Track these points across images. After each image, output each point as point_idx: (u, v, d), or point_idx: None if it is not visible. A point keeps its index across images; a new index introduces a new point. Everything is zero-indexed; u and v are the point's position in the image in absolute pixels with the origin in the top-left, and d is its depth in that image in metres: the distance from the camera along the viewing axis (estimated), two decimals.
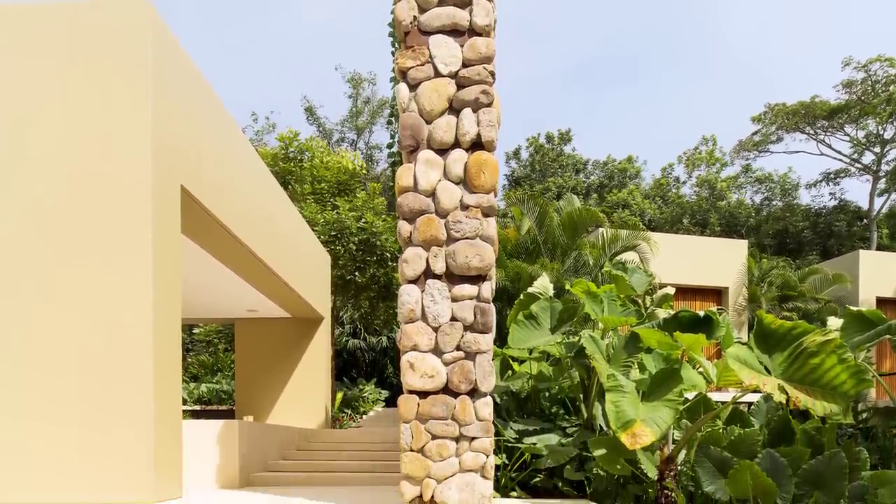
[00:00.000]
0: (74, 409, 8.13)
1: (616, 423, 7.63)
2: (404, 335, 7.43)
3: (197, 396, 22.41)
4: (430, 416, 7.27)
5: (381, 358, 31.22)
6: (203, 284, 13.93)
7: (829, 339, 7.48)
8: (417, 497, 7.24)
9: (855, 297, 23.88)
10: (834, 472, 7.82)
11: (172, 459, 8.66)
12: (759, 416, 10.06)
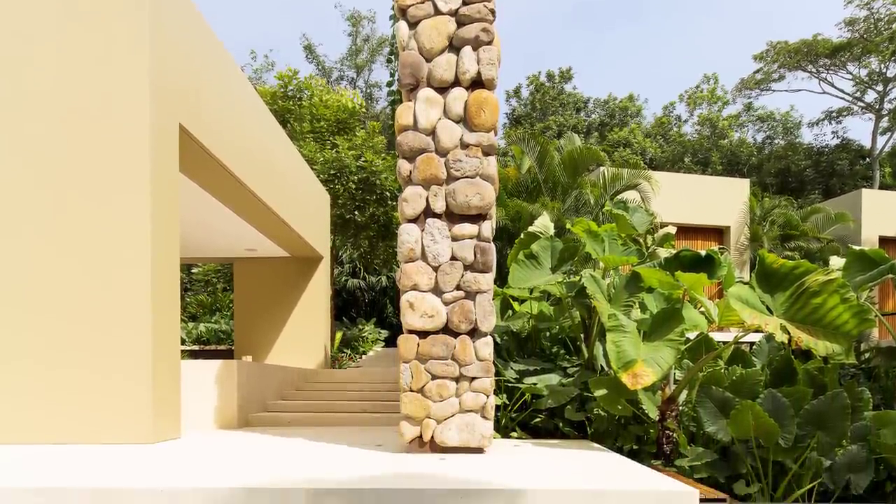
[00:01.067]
0: (72, 350, 8.12)
1: (617, 363, 7.64)
2: (404, 275, 7.34)
3: (195, 336, 22.46)
4: (430, 356, 7.21)
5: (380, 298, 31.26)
6: (201, 223, 13.83)
7: (832, 278, 7.42)
8: (417, 437, 7.21)
9: (857, 237, 23.82)
10: (836, 412, 7.79)
11: (170, 400, 8.65)
12: (760, 357, 10.03)
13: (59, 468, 6.05)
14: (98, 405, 8.06)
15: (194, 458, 6.85)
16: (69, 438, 7.95)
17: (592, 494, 5.07)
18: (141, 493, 5.04)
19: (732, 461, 8.09)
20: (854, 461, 7.72)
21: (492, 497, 5.00)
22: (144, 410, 8.08)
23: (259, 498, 4.97)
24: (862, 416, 8.18)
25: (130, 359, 8.12)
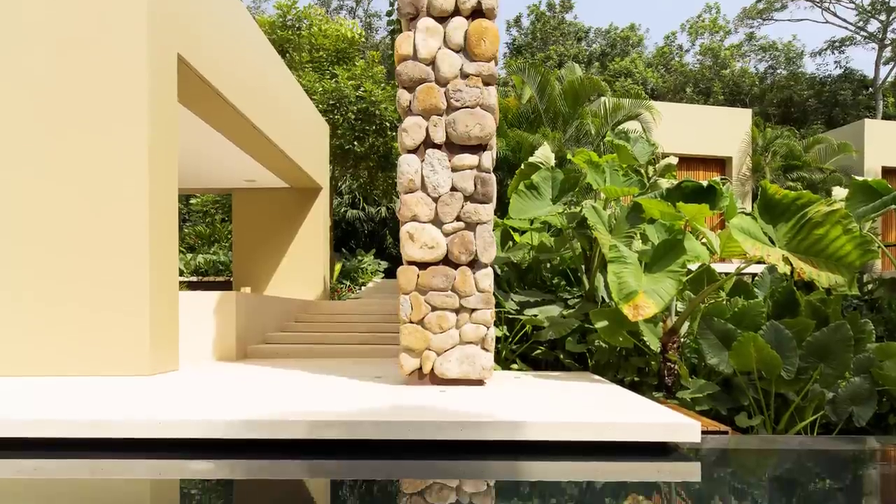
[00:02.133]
0: (69, 282, 8.07)
1: (618, 294, 7.58)
2: (404, 205, 7.23)
3: (193, 268, 22.37)
4: (430, 287, 7.13)
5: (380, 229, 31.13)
6: (200, 154, 13.67)
7: (834, 209, 7.32)
8: (417, 369, 7.15)
9: (860, 167, 23.65)
10: (839, 343, 7.74)
11: (168, 332, 8.60)
12: (762, 288, 9.96)
13: (57, 400, 5.98)
14: (96, 337, 8.01)
15: (192, 390, 6.80)
16: (67, 371, 7.90)
17: (593, 426, 4.99)
18: (139, 424, 4.96)
19: (734, 393, 8.07)
20: (857, 393, 7.69)
21: (492, 429, 4.93)
22: (142, 342, 8.04)
23: (257, 429, 4.90)
24: (865, 347, 8.14)
25: (128, 290, 8.07)
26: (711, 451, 5.51)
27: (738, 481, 5.03)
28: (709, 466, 5.22)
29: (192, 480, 4.73)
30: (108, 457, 4.87)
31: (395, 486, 4.59)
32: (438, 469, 4.82)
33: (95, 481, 4.57)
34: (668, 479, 4.74)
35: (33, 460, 4.81)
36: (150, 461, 4.82)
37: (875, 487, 4.82)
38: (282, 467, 4.87)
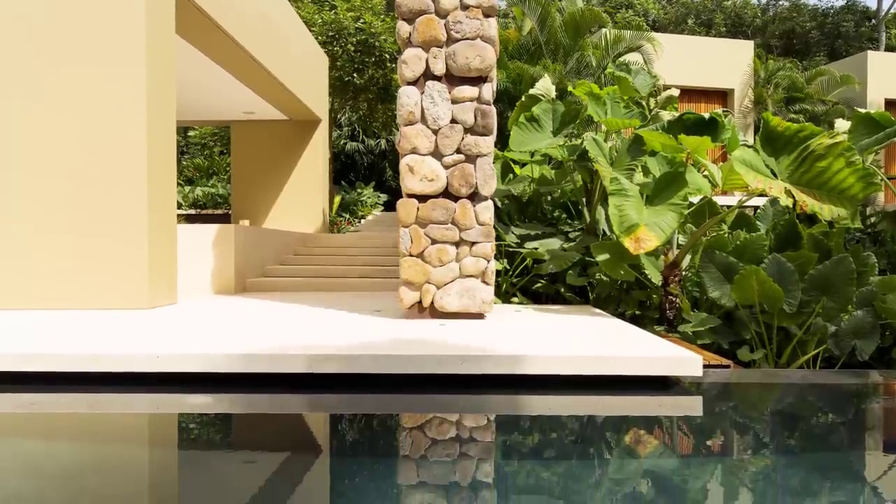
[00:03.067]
0: (68, 216, 8.01)
1: (619, 227, 7.53)
2: (403, 138, 7.14)
3: (192, 200, 22.21)
4: (430, 220, 7.06)
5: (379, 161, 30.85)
6: (198, 86, 13.46)
7: (837, 141, 7.23)
8: (417, 303, 7.10)
9: (863, 100, 23.37)
10: (841, 277, 7.68)
11: (167, 265, 8.54)
12: (765, 221, 9.87)
13: (54, 334, 5.91)
14: (94, 270, 7.96)
15: (191, 324, 6.73)
16: (65, 304, 7.85)
17: (594, 360, 4.93)
18: (137, 358, 4.89)
19: (736, 327, 8.03)
20: (860, 327, 7.64)
21: (492, 363, 4.87)
22: (140, 275, 7.98)
23: (256, 363, 4.83)
24: (867, 280, 8.08)
25: (126, 223, 8.00)
26: (713, 384, 5.47)
27: (739, 415, 4.99)
28: (710, 400, 5.19)
29: (191, 414, 4.68)
30: (106, 391, 4.81)
31: (395, 421, 4.54)
32: (438, 403, 4.78)
33: (93, 415, 4.51)
34: (669, 413, 4.70)
35: (31, 394, 4.75)
36: (148, 395, 4.76)
37: (877, 421, 4.78)
38: (281, 401, 4.82)
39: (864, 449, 4.10)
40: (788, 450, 3.97)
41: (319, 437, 4.31)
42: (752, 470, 3.55)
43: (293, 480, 3.31)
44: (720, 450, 3.95)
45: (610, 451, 3.92)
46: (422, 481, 3.25)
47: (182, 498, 3.12)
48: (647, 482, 3.33)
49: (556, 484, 3.32)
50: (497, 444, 4.00)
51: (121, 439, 4.09)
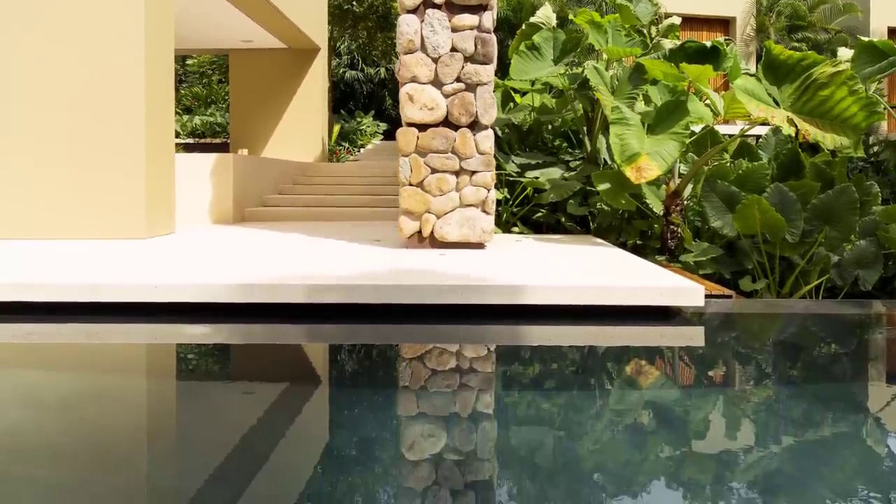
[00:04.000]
0: (65, 145, 7.89)
1: (621, 156, 7.45)
2: (403, 66, 7.03)
3: (190, 129, 21.96)
4: (430, 149, 6.98)
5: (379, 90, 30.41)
6: (196, 14, 13.11)
7: (840, 70, 7.14)
8: (416, 233, 7.05)
9: (866, 28, 22.93)
10: (844, 206, 7.60)
11: (164, 195, 8.45)
12: (767, 150, 9.73)
13: (52, 264, 5.86)
14: (91, 200, 7.87)
15: (189, 254, 6.68)
16: (62, 234, 7.77)
17: (596, 290, 4.88)
18: (135, 289, 4.83)
19: (738, 257, 7.98)
20: (862, 256, 7.58)
21: (492, 293, 4.82)
22: (138, 205, 7.90)
23: (255, 293, 4.78)
24: (870, 210, 8.00)
25: (124, 152, 7.89)
26: (715, 315, 5.43)
27: (741, 346, 4.96)
28: (712, 331, 5.16)
29: (189, 345, 4.65)
30: (104, 321, 4.77)
31: (395, 351, 4.52)
32: (438, 333, 4.75)
33: (92, 346, 4.48)
34: (670, 343, 4.67)
35: (29, 325, 4.72)
36: (146, 325, 4.73)
37: (880, 351, 4.76)
38: (279, 331, 4.79)
39: (867, 379, 4.08)
40: (790, 380, 3.94)
41: (318, 368, 4.29)
42: (754, 400, 3.52)
43: (292, 411, 3.28)
44: (722, 380, 3.92)
45: (611, 381, 3.89)
46: (421, 412, 3.23)
47: (180, 428, 3.09)
48: (649, 413, 3.30)
49: (557, 415, 3.29)
50: (497, 374, 3.97)
51: (119, 369, 4.06)
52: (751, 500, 2.34)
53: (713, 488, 2.44)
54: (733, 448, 2.87)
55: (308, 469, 2.59)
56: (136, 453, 2.73)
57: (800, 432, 3.05)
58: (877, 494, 2.37)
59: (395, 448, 2.80)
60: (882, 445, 2.95)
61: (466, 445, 2.72)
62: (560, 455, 2.74)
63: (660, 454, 2.74)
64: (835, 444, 2.91)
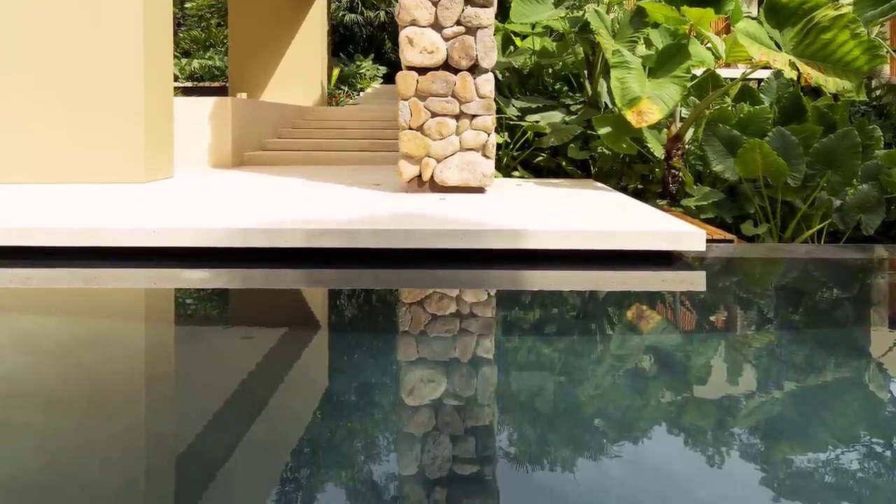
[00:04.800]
0: (63, 88, 7.79)
1: (622, 100, 7.39)
2: (402, 9, 6.90)
3: (189, 73, 21.67)
4: (430, 93, 6.88)
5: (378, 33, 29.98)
6: None
7: (842, 13, 7.07)
8: (416, 177, 6.97)
9: None
10: (846, 150, 7.51)
11: (163, 139, 8.36)
12: (769, 94, 9.58)
13: (49, 208, 5.78)
14: (90, 144, 7.77)
15: (188, 198, 6.60)
16: (61, 178, 7.68)
17: (596, 234, 4.82)
18: (133, 233, 4.77)
19: (740, 201, 7.91)
20: (865, 201, 7.50)
21: (493, 237, 4.76)
22: (136, 149, 7.80)
23: (254, 238, 4.72)
24: (873, 154, 7.90)
25: (122, 96, 7.79)
26: (716, 259, 5.38)
27: (743, 290, 4.92)
28: (714, 275, 5.11)
29: (188, 290, 4.60)
30: (102, 266, 4.72)
31: (394, 296, 4.47)
32: (438, 278, 4.71)
33: (89, 290, 4.43)
34: (672, 288, 4.62)
35: (27, 269, 4.66)
36: (144, 270, 4.67)
37: (882, 296, 4.71)
38: (279, 276, 4.74)
39: (869, 324, 4.04)
40: (792, 325, 3.90)
41: (318, 313, 4.24)
42: (756, 345, 3.49)
43: (291, 356, 3.24)
44: (723, 325, 3.88)
45: (612, 326, 3.85)
46: (421, 357, 3.19)
47: (179, 373, 3.06)
48: (650, 358, 3.27)
49: (558, 360, 3.25)
50: (497, 319, 3.93)
51: (117, 314, 4.02)
52: (752, 445, 2.32)
53: (714, 433, 2.41)
54: (735, 393, 2.84)
55: (307, 414, 2.56)
56: (135, 399, 2.70)
57: (801, 377, 3.02)
58: (879, 440, 2.34)
59: (394, 393, 2.77)
60: (884, 390, 2.92)
61: (466, 391, 2.69)
62: (561, 400, 2.71)
63: (661, 399, 2.71)
64: (837, 389, 2.88)
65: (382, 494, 1.96)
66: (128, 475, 2.09)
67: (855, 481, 2.05)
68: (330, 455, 2.22)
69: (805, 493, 1.98)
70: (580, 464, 2.16)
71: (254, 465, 2.15)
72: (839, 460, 2.17)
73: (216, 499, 1.93)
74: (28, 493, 1.93)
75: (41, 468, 2.08)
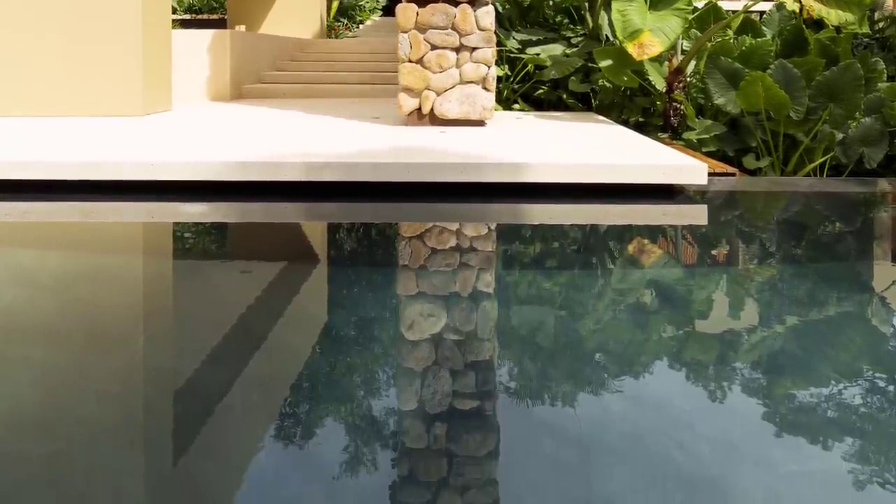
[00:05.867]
0: (60, 20, 7.58)
1: (623, 32, 7.24)
2: None
3: (187, 5, 21.29)
4: (430, 25, 6.72)
5: None
6: None
7: None
8: (416, 110, 6.85)
9: None
10: (849, 83, 7.33)
11: (161, 71, 8.20)
12: (771, 26, 9.36)
13: (46, 141, 5.67)
14: (88, 76, 7.60)
15: (186, 131, 6.48)
16: (57, 111, 7.52)
17: (597, 168, 4.73)
18: (131, 166, 4.68)
19: (742, 134, 7.77)
20: (867, 134, 7.37)
21: (493, 170, 4.67)
22: (134, 81, 7.63)
23: (253, 171, 4.63)
24: (875, 87, 7.73)
25: (120, 28, 7.58)
26: (718, 193, 5.30)
27: (745, 224, 4.84)
28: (715, 209, 5.03)
29: (186, 223, 4.53)
30: (99, 199, 4.63)
31: (394, 230, 4.40)
32: (438, 212, 4.63)
33: (87, 224, 4.35)
34: (673, 221, 4.55)
35: (24, 203, 4.57)
36: (142, 204, 4.58)
37: (885, 230, 4.64)
38: (278, 210, 4.66)
39: (871, 258, 3.98)
40: (794, 259, 3.84)
41: (317, 247, 4.18)
42: (758, 279, 3.43)
43: (290, 290, 3.19)
44: (725, 259, 3.82)
45: (612, 260, 3.79)
46: (421, 291, 3.13)
47: (177, 307, 3.01)
48: (651, 291, 3.21)
49: (558, 293, 3.20)
50: (498, 253, 3.86)
51: (116, 248, 3.95)
52: (754, 380, 2.27)
53: (716, 368, 2.37)
54: (736, 327, 2.79)
55: (306, 349, 2.52)
56: (133, 333, 2.65)
57: (803, 311, 2.97)
58: (881, 374, 2.30)
59: (394, 328, 2.72)
60: (886, 324, 2.87)
61: (467, 325, 2.63)
62: (561, 334, 2.66)
63: (662, 333, 2.66)
64: (839, 323, 2.83)
65: (382, 429, 1.92)
66: (126, 409, 2.05)
67: (857, 416, 2.01)
68: (329, 389, 2.18)
69: (807, 428, 1.94)
70: (581, 398, 2.12)
71: (252, 400, 2.11)
72: (842, 395, 2.13)
73: (215, 433, 1.89)
74: (26, 428, 1.89)
75: (39, 402, 2.04)
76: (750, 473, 1.67)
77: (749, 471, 1.69)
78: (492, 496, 1.61)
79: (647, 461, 1.71)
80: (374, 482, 1.65)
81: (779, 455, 1.77)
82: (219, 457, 1.81)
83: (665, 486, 1.61)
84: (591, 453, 1.78)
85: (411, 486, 1.65)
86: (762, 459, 1.73)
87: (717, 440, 1.86)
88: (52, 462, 1.74)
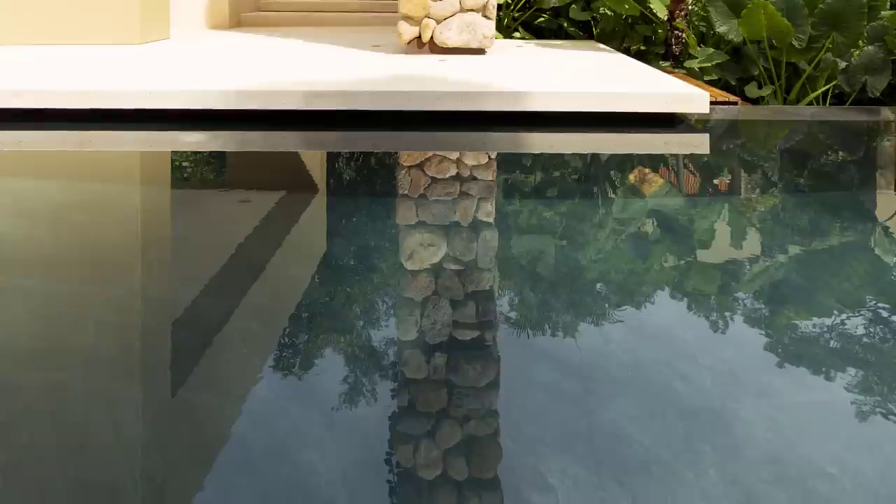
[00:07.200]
0: None
1: None
2: None
3: None
4: None
5: None
6: None
7: None
8: (416, 38, 6.68)
9: None
10: (852, 11, 7.13)
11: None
12: None
13: (43, 69, 5.52)
14: (83, 3, 7.36)
15: (184, 60, 6.31)
16: (53, 39, 7.32)
17: (599, 97, 4.61)
18: (128, 94, 4.55)
19: (744, 62, 7.60)
20: (871, 63, 7.19)
21: (494, 99, 4.56)
22: (132, 9, 7.41)
23: (251, 100, 4.51)
24: (879, 15, 7.52)
25: None
26: (720, 122, 5.18)
27: (747, 153, 4.73)
28: (718, 138, 4.92)
29: (184, 152, 4.42)
30: (96, 128, 4.51)
31: (394, 159, 4.31)
32: (438, 141, 4.53)
33: (83, 153, 4.25)
34: (675, 150, 4.45)
35: (19, 132, 4.45)
36: (140, 133, 4.47)
37: (888, 159, 4.54)
38: (277, 139, 4.55)
39: (874, 187, 3.90)
40: (797, 188, 3.76)
41: (316, 176, 4.09)
42: (760, 209, 3.35)
43: (289, 220, 3.12)
44: (727, 188, 3.73)
45: (614, 189, 3.71)
46: (421, 220, 3.06)
47: (175, 238, 2.94)
48: (652, 221, 3.14)
49: (559, 223, 3.13)
50: (498, 182, 3.77)
51: (112, 177, 3.86)
52: (756, 310, 2.23)
53: (718, 298, 2.32)
54: (738, 257, 2.73)
55: (305, 279, 2.47)
56: (130, 263, 2.59)
57: (806, 241, 2.90)
58: (884, 304, 2.25)
59: (393, 257, 2.66)
60: (889, 254, 2.81)
61: (467, 255, 2.57)
62: (562, 264, 2.61)
63: (664, 263, 2.60)
64: (841, 253, 2.77)
65: (381, 359, 1.88)
66: (124, 339, 2.00)
67: (860, 346, 1.97)
68: (328, 320, 2.13)
69: (809, 358, 1.90)
70: (582, 328, 2.07)
71: (251, 330, 2.07)
72: (844, 325, 2.09)
73: (213, 363, 1.85)
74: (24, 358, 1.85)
75: (36, 333, 1.99)
76: (752, 403, 1.63)
77: (751, 401, 1.65)
78: (492, 426, 1.58)
79: (649, 391, 1.67)
80: (374, 412, 1.61)
81: (781, 385, 1.73)
82: (217, 387, 1.77)
83: (666, 415, 1.57)
84: (591, 383, 1.74)
85: (411, 416, 1.61)
86: (764, 390, 1.69)
87: (719, 370, 1.82)
88: (49, 392, 1.70)
